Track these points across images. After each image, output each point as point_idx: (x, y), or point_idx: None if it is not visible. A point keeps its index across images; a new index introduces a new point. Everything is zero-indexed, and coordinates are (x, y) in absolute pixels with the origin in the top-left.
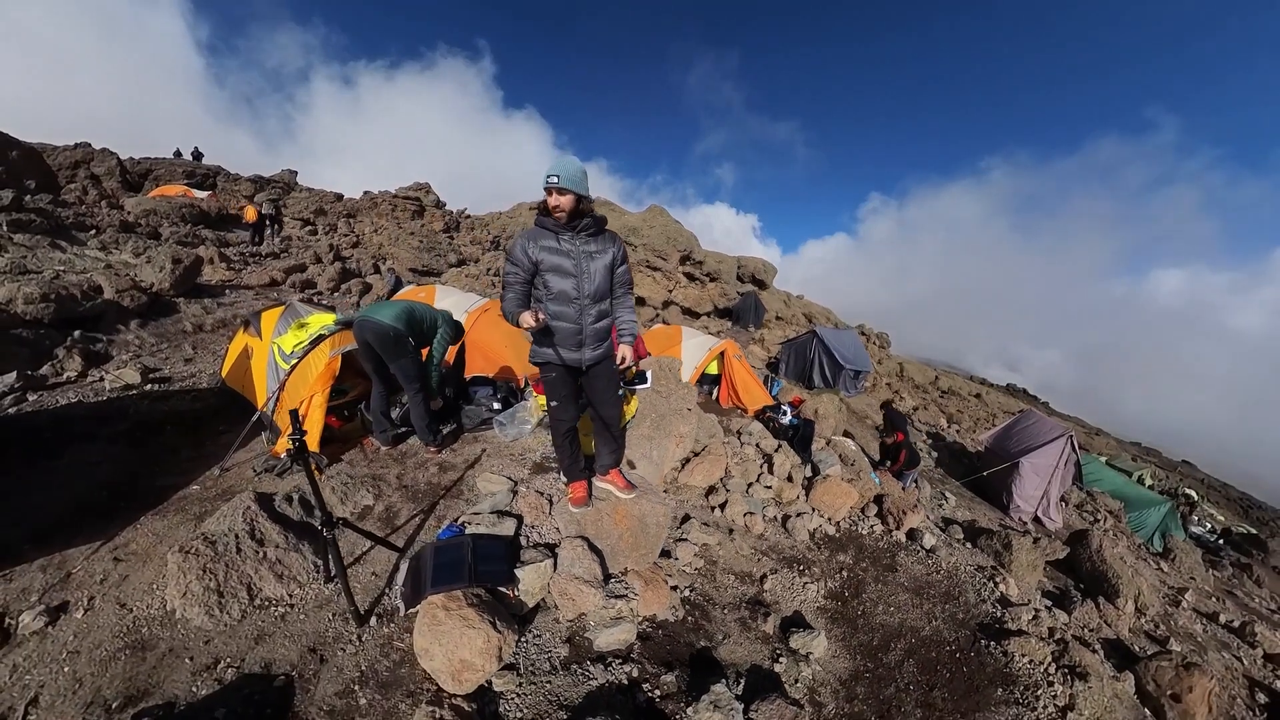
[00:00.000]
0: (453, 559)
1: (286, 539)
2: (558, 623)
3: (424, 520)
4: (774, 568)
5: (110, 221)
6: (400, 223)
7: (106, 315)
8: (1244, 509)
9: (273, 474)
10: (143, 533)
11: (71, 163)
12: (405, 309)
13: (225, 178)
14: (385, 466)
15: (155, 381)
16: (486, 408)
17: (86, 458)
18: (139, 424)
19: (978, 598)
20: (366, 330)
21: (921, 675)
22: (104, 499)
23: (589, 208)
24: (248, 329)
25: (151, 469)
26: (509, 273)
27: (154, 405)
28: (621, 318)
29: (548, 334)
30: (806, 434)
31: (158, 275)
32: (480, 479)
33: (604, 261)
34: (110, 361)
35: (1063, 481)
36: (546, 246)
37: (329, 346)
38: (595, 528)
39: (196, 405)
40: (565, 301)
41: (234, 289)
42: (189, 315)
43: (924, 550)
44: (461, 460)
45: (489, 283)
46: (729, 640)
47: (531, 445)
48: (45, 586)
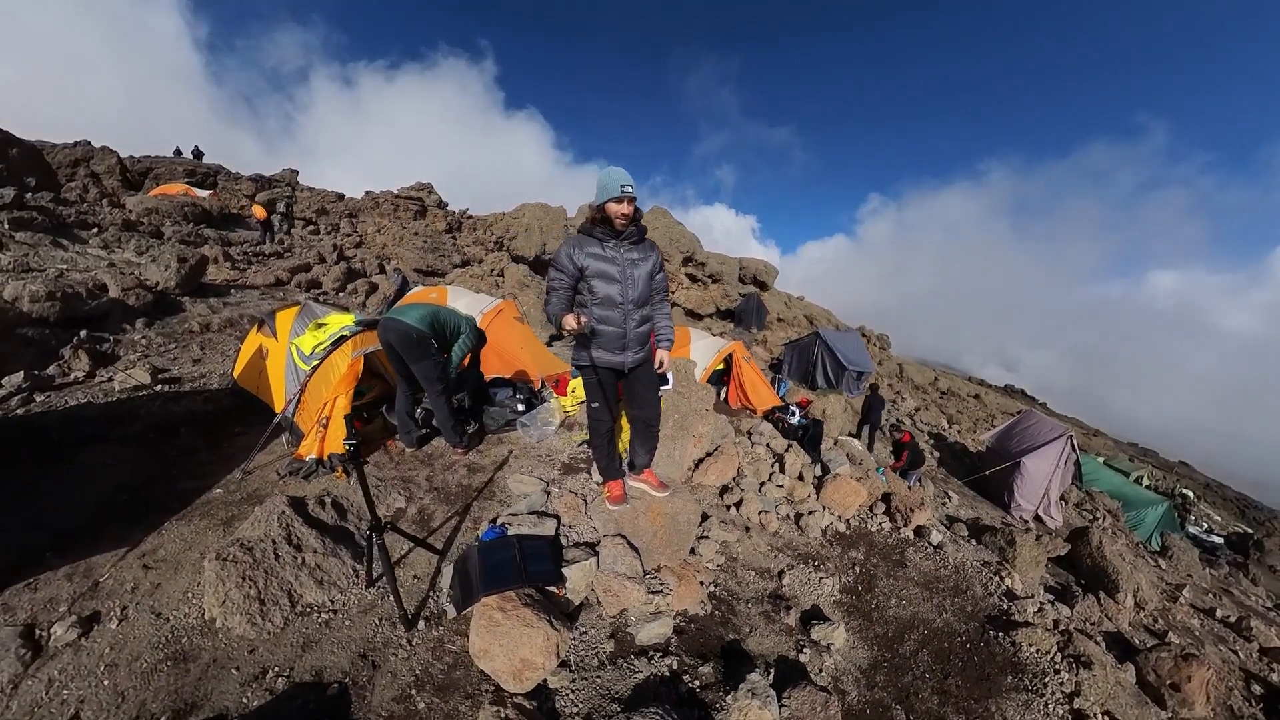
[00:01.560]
0: (501, 560)
1: (324, 544)
2: (601, 619)
3: (459, 522)
4: (790, 564)
5: (112, 220)
6: (403, 223)
7: (112, 314)
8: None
9: (298, 477)
10: (170, 538)
11: (71, 161)
12: (430, 312)
13: (226, 177)
14: (413, 469)
15: (165, 382)
16: (510, 409)
17: (101, 460)
18: (152, 425)
19: (984, 591)
20: (390, 331)
21: (936, 664)
22: (123, 502)
23: (639, 215)
24: (262, 329)
25: (170, 471)
26: (554, 278)
27: (166, 406)
28: (660, 323)
29: (591, 338)
30: (816, 434)
31: (163, 274)
32: (512, 480)
33: (646, 268)
34: (118, 361)
35: (1063, 481)
36: (592, 253)
37: (351, 348)
38: (631, 526)
39: (209, 406)
40: (610, 306)
41: (239, 289)
42: (195, 315)
43: (931, 547)
44: (489, 461)
45: (493, 283)
46: (756, 633)
47: (557, 446)
48: (73, 596)
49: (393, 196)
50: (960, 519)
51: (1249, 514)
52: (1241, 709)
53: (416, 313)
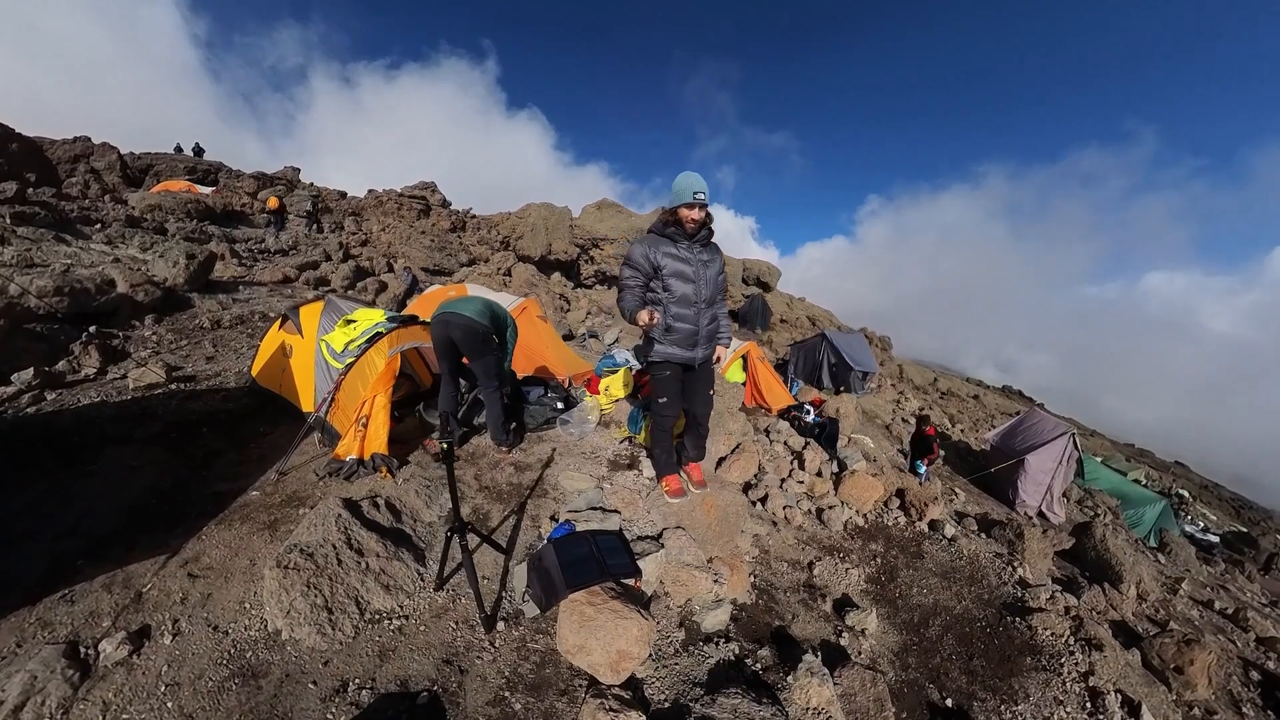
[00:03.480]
0: (579, 556)
1: (385, 547)
2: (669, 609)
3: (518, 520)
4: (818, 555)
5: (115, 216)
6: (409, 222)
7: (121, 310)
8: (1235, 509)
9: (339, 478)
10: (212, 544)
11: (71, 156)
12: (488, 304)
13: (227, 174)
14: (459, 468)
15: (180, 380)
16: (550, 408)
17: (126, 461)
18: (172, 425)
19: (998, 580)
20: (453, 327)
21: (960, 647)
22: (155, 506)
23: (710, 218)
24: (285, 325)
25: (199, 473)
26: (629, 276)
27: (184, 405)
28: (721, 322)
29: (665, 334)
30: (832, 432)
31: (171, 270)
32: (563, 477)
33: (715, 269)
34: (128, 359)
35: (1065, 477)
36: (669, 253)
37: (387, 345)
38: (689, 518)
39: (229, 405)
40: (687, 304)
41: (247, 285)
42: (205, 311)
43: (946, 540)
44: (535, 460)
45: (501, 283)
46: (798, 619)
47: (600, 444)
48: (116, 609)
49: (396, 195)
50: (969, 514)
51: (1244, 514)
52: (1240, 693)
53: (474, 306)
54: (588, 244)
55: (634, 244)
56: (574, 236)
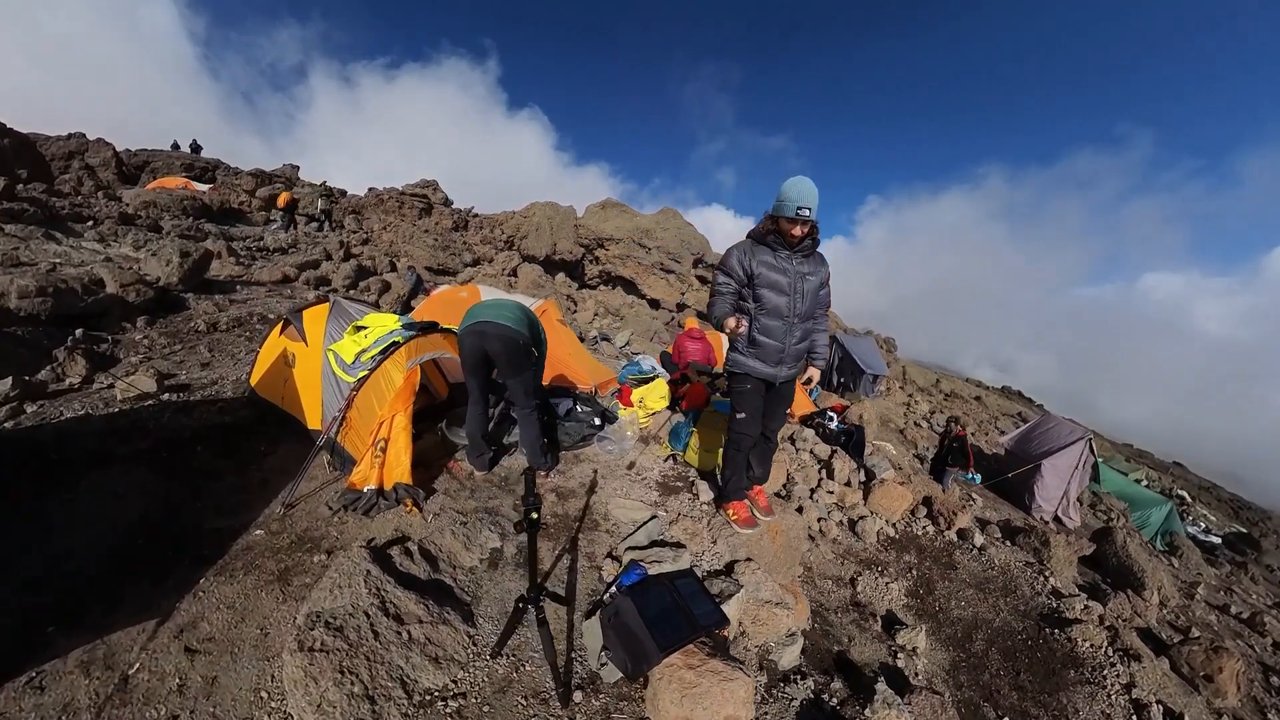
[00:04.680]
0: (662, 607)
1: (428, 608)
2: (747, 650)
3: (572, 560)
4: (857, 570)
5: (108, 213)
6: (411, 220)
7: (110, 312)
8: (1234, 510)
9: (357, 513)
10: (211, 604)
11: (65, 153)
12: (525, 311)
13: (225, 171)
14: (494, 496)
15: (173, 390)
16: (587, 424)
17: (108, 486)
18: (164, 442)
19: (1032, 591)
20: (491, 338)
21: (1005, 661)
22: (142, 547)
23: (815, 230)
24: (286, 330)
25: (193, 503)
26: (722, 282)
27: (177, 419)
28: (818, 339)
29: (748, 346)
30: (859, 440)
31: (164, 269)
32: (613, 505)
33: (816, 282)
34: (118, 365)
35: (1080, 482)
36: (765, 261)
37: (405, 356)
38: (756, 547)
39: (226, 419)
40: (776, 317)
41: (245, 285)
42: (201, 313)
43: (975, 549)
44: (576, 484)
45: (507, 284)
46: (855, 643)
47: (643, 463)
48: (97, 700)
49: (397, 193)
50: (991, 521)
51: (1242, 514)
52: (1263, 699)
53: (510, 312)
54: (592, 244)
55: (730, 249)
56: (579, 236)
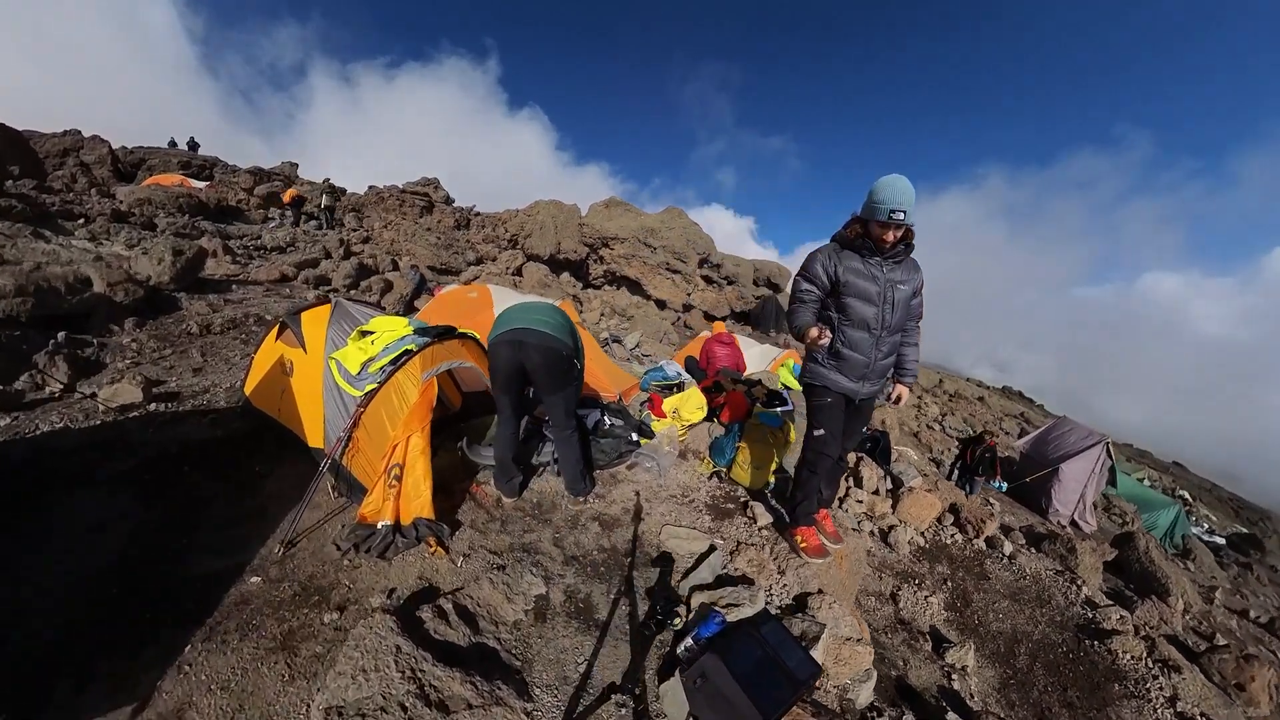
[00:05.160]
0: (754, 663)
1: (476, 687)
2: (827, 693)
3: (630, 607)
4: (896, 584)
5: (101, 210)
6: (412, 219)
7: (96, 313)
8: (1235, 509)
9: (370, 555)
10: (200, 684)
11: (60, 150)
12: (565, 318)
13: (223, 169)
14: (529, 529)
15: (161, 399)
16: (624, 440)
17: (84, 515)
18: (148, 462)
19: (1066, 601)
20: (531, 349)
21: (1051, 677)
22: (118, 599)
23: (910, 234)
24: (283, 335)
25: (178, 538)
26: (804, 289)
27: (164, 433)
28: (908, 354)
29: (830, 358)
30: (886, 446)
31: (156, 267)
32: (666, 535)
33: (907, 292)
34: (103, 371)
35: (1097, 486)
36: (853, 268)
37: (419, 367)
38: (826, 577)
39: (218, 433)
40: (863, 329)
41: (241, 284)
42: (194, 314)
43: (1005, 558)
44: (619, 510)
45: (511, 283)
46: (910, 666)
47: (687, 483)
48: None
49: (398, 191)
50: (1013, 527)
51: (1242, 514)
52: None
53: (550, 317)
54: (597, 243)
55: (814, 253)
56: (583, 235)
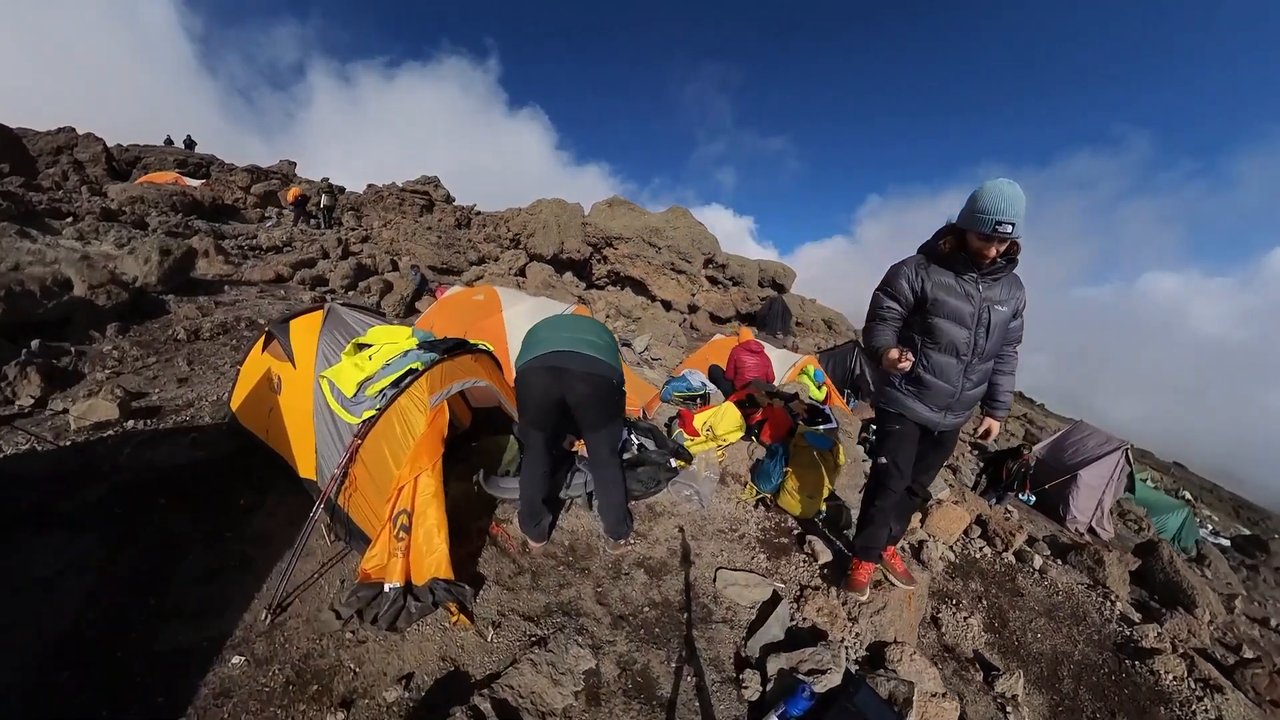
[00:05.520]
0: None
1: None
2: None
3: (696, 679)
4: (935, 606)
5: (90, 208)
6: (413, 217)
7: (76, 317)
8: (1235, 510)
9: (378, 625)
10: None
11: (53, 148)
12: (611, 336)
13: (220, 167)
14: (565, 582)
15: (140, 415)
16: (662, 466)
17: (37, 567)
18: (120, 491)
19: (1101, 617)
20: (576, 379)
21: (1097, 701)
22: (70, 684)
23: (1017, 249)
24: (270, 346)
25: (147, 596)
26: (885, 306)
27: (140, 456)
28: (1002, 385)
29: (909, 384)
30: None
31: (142, 268)
32: (721, 581)
33: (1006, 314)
34: (80, 383)
35: (1115, 492)
36: (944, 285)
37: (427, 388)
38: (900, 623)
39: (200, 455)
40: (952, 354)
41: (234, 285)
42: (181, 318)
43: (1036, 572)
44: (664, 551)
45: (515, 284)
46: (967, 699)
47: (733, 513)
48: None
49: (397, 190)
50: (1037, 537)
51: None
52: None
53: (595, 338)
54: (600, 243)
55: (898, 266)
56: (586, 235)
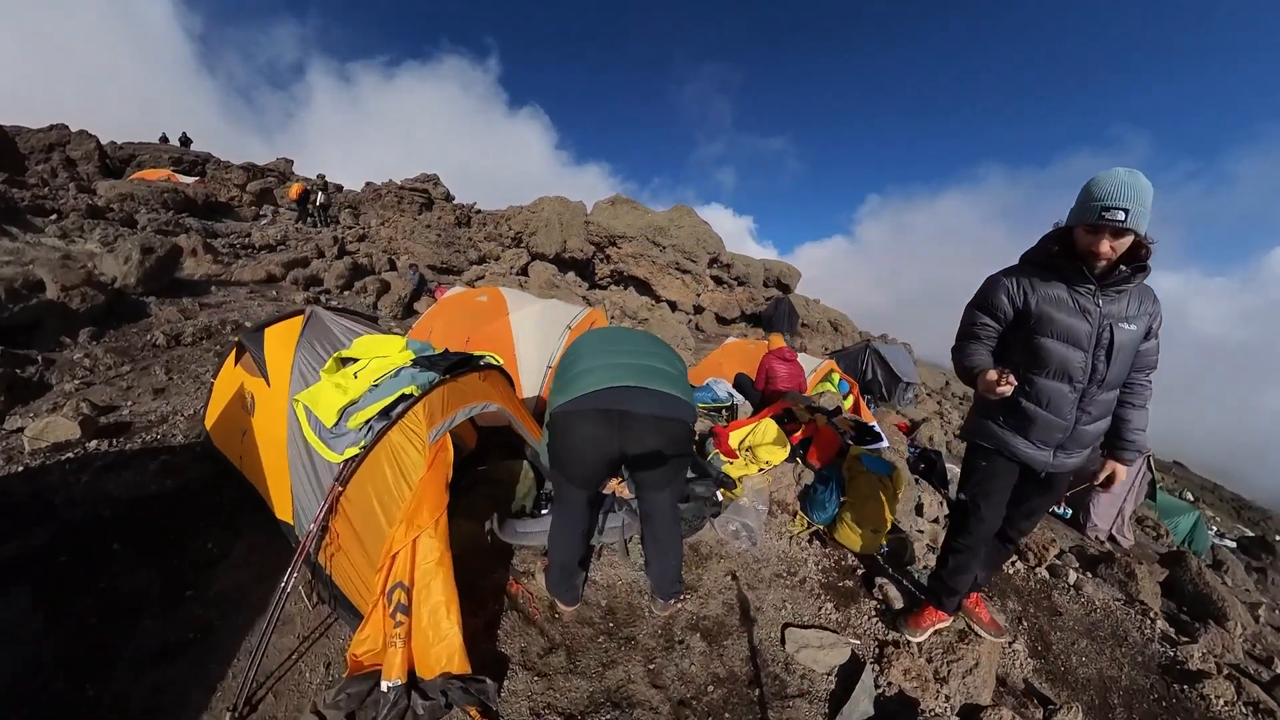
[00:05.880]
0: None
1: None
2: None
3: None
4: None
5: (76, 206)
6: (412, 216)
7: (46, 322)
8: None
9: None
10: None
11: (45, 145)
12: (681, 361)
13: (215, 165)
14: (610, 660)
15: (106, 433)
16: (708, 500)
17: None
18: (69, 531)
19: (1142, 637)
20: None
21: None
22: None
23: (1146, 252)
24: (243, 359)
25: (82, 686)
26: (981, 322)
27: (99, 485)
28: (1131, 420)
29: (1007, 413)
30: (941, 468)
31: (121, 268)
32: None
33: (1135, 333)
34: (46, 395)
35: (1136, 499)
36: (1053, 298)
37: (424, 419)
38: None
39: (167, 484)
40: (1064, 379)
41: (222, 285)
42: (162, 322)
43: (1071, 588)
44: (719, 607)
45: (517, 283)
46: None
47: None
48: None
49: (396, 188)
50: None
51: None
52: None
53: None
54: (603, 242)
55: (996, 277)
56: (589, 233)
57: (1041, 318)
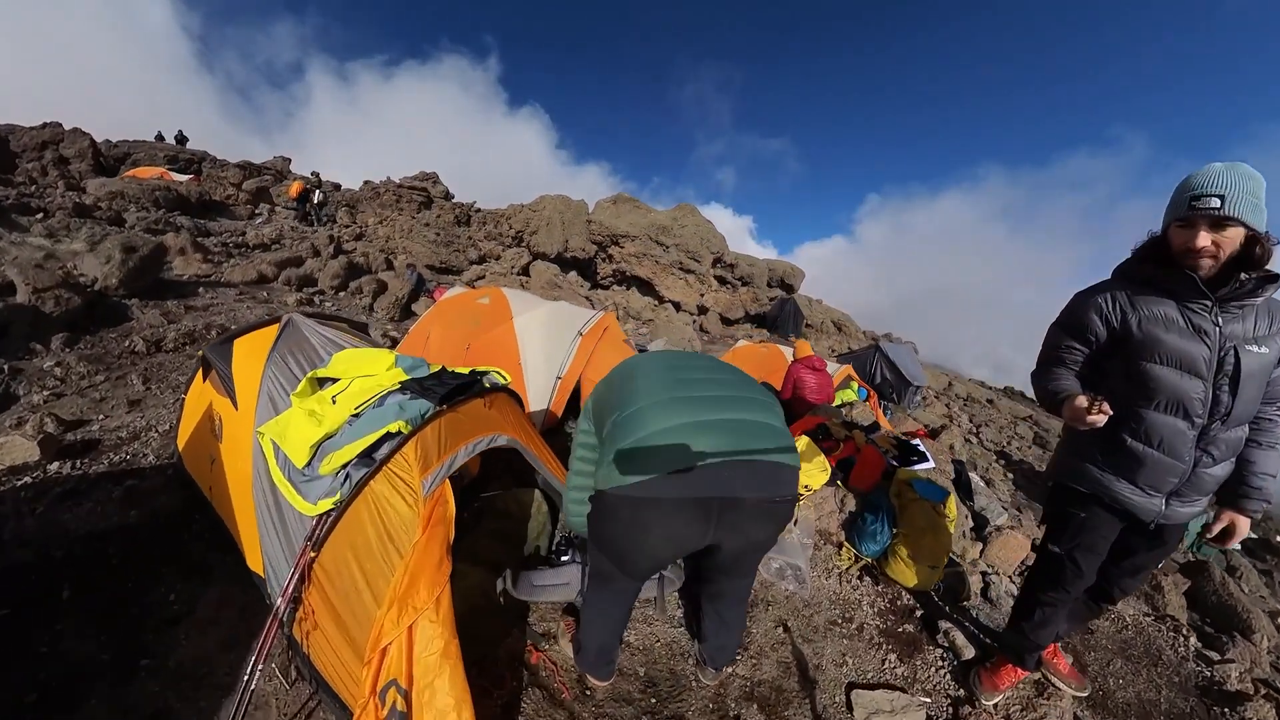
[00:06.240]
0: None
1: None
2: None
3: None
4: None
5: (63, 204)
6: (410, 214)
7: (14, 327)
8: None
9: None
10: None
11: (38, 144)
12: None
13: (211, 164)
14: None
15: (70, 453)
16: None
17: None
18: (13, 575)
19: (1176, 655)
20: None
21: None
22: None
23: (1266, 252)
24: (210, 377)
25: None
26: (1065, 345)
27: (53, 518)
28: (1259, 463)
29: (1108, 451)
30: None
31: (103, 268)
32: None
33: (1268, 358)
34: (11, 408)
35: None
36: (1159, 317)
37: (415, 463)
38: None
39: (131, 515)
40: (1178, 413)
41: (211, 286)
42: (143, 326)
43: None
44: (774, 668)
45: (518, 284)
46: None
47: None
48: None
49: (395, 186)
50: None
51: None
52: None
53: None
54: (605, 241)
55: (1086, 294)
56: (591, 233)
57: (1146, 340)
